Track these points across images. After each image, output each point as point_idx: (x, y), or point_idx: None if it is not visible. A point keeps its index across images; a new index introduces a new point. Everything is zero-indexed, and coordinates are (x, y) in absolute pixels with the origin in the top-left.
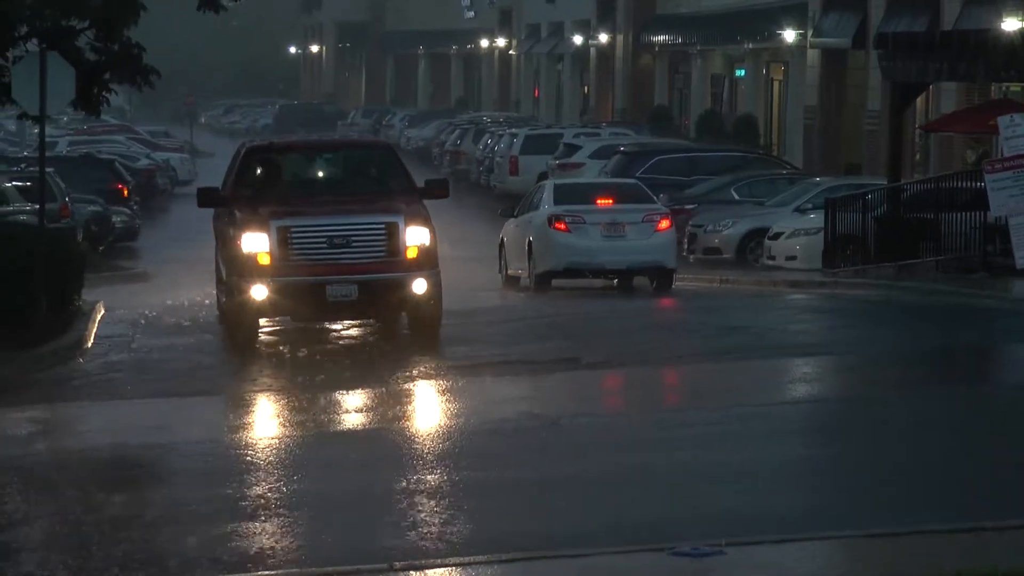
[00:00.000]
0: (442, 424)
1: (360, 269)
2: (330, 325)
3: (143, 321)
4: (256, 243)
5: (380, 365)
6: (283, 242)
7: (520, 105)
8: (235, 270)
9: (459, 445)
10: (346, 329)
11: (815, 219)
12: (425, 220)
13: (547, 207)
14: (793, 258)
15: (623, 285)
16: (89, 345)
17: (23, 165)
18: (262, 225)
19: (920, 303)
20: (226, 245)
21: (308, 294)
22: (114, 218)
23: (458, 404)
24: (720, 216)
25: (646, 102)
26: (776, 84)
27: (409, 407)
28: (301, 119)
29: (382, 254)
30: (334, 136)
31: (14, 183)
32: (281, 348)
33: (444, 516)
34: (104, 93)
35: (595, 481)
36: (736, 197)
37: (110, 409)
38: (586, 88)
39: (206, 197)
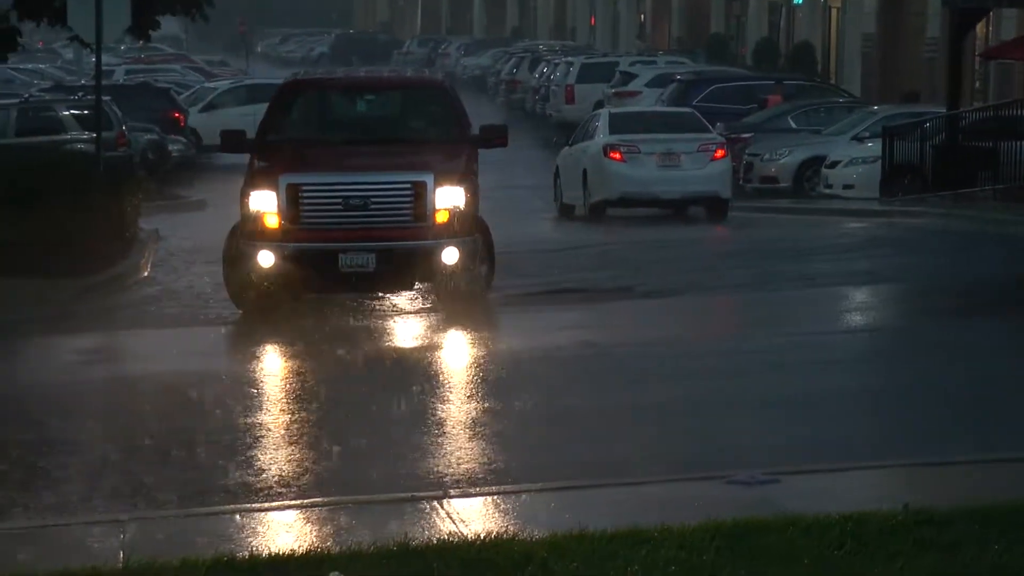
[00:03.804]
0: (494, 352)
1: (379, 235)
2: None
3: (199, 249)
4: (263, 202)
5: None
6: (293, 202)
7: (576, 33)
8: (242, 231)
9: (511, 373)
10: None
11: (873, 148)
12: (462, 178)
13: (602, 136)
14: (850, 187)
15: (678, 215)
16: (145, 274)
17: (80, 93)
18: (271, 182)
19: (978, 232)
20: (240, 201)
21: (319, 263)
22: (171, 146)
23: (511, 332)
24: (777, 145)
25: (702, 30)
26: (834, 12)
27: (462, 335)
28: (357, 49)
29: (406, 218)
30: (385, 71)
31: (71, 111)
32: None
33: (497, 444)
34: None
35: (649, 410)
36: (793, 126)
37: (165, 336)
38: (642, 16)
39: (230, 141)
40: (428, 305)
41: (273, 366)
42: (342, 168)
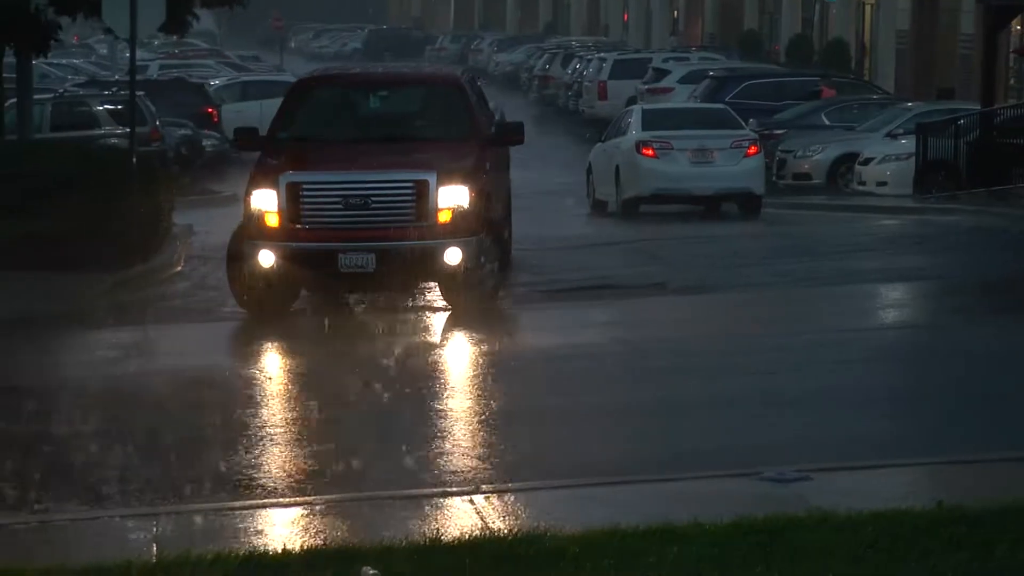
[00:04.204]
0: (526, 348)
1: (379, 235)
2: None
3: None
4: (264, 201)
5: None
6: (293, 200)
7: (609, 29)
8: (245, 231)
9: (543, 370)
10: None
11: (906, 144)
12: (468, 177)
13: (635, 132)
14: (884, 184)
15: (711, 211)
16: (179, 268)
17: (114, 88)
18: (271, 180)
19: (1012, 229)
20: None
21: (319, 263)
22: (204, 142)
23: (542, 328)
24: (810, 141)
25: (736, 27)
26: (868, 8)
27: (493, 330)
28: (390, 44)
29: (407, 218)
30: (402, 67)
31: (105, 106)
32: None
33: (529, 441)
34: (189, 16)
35: (680, 406)
36: (826, 122)
37: (198, 331)
38: (675, 12)
39: (244, 139)
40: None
41: (304, 363)
42: (343, 166)
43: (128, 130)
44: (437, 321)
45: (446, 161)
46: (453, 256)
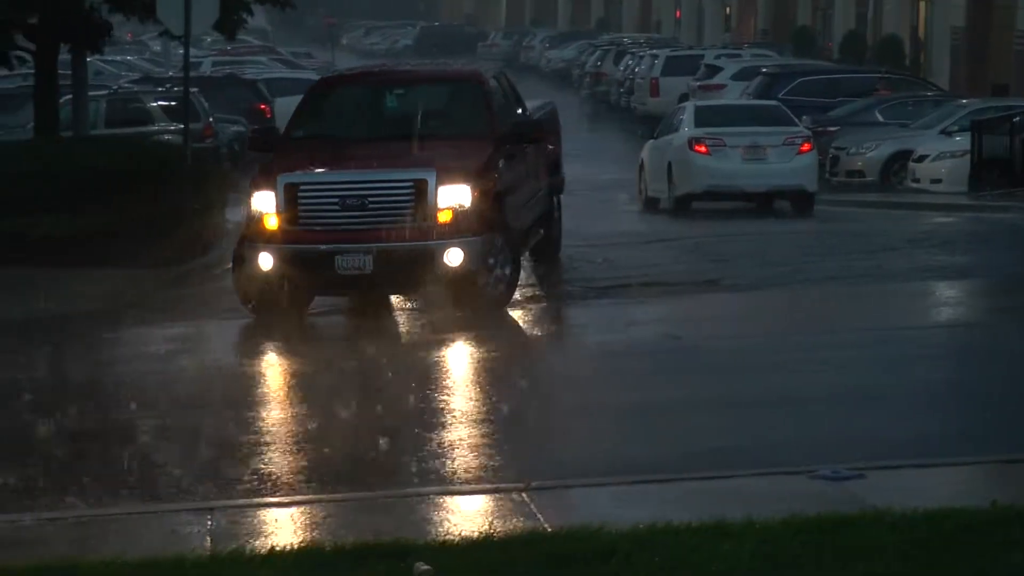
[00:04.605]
0: (578, 345)
1: (376, 236)
2: None
3: None
4: (263, 202)
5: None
6: (291, 202)
7: (661, 26)
8: (246, 232)
9: (595, 366)
10: None
11: (961, 141)
12: (472, 175)
13: (687, 129)
14: (938, 181)
15: (763, 208)
16: (230, 264)
17: (168, 85)
18: (270, 181)
19: None
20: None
21: (317, 265)
22: None
23: (594, 325)
24: (863, 138)
25: (788, 23)
26: (922, 4)
27: (546, 328)
28: (441, 41)
29: (406, 218)
30: (423, 65)
31: (159, 103)
32: None
33: (580, 437)
34: (243, 13)
35: (732, 404)
36: (880, 119)
37: (251, 326)
38: (728, 9)
39: (256, 140)
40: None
41: (352, 358)
42: (342, 166)
43: (182, 126)
44: (485, 318)
45: (450, 159)
46: (454, 257)
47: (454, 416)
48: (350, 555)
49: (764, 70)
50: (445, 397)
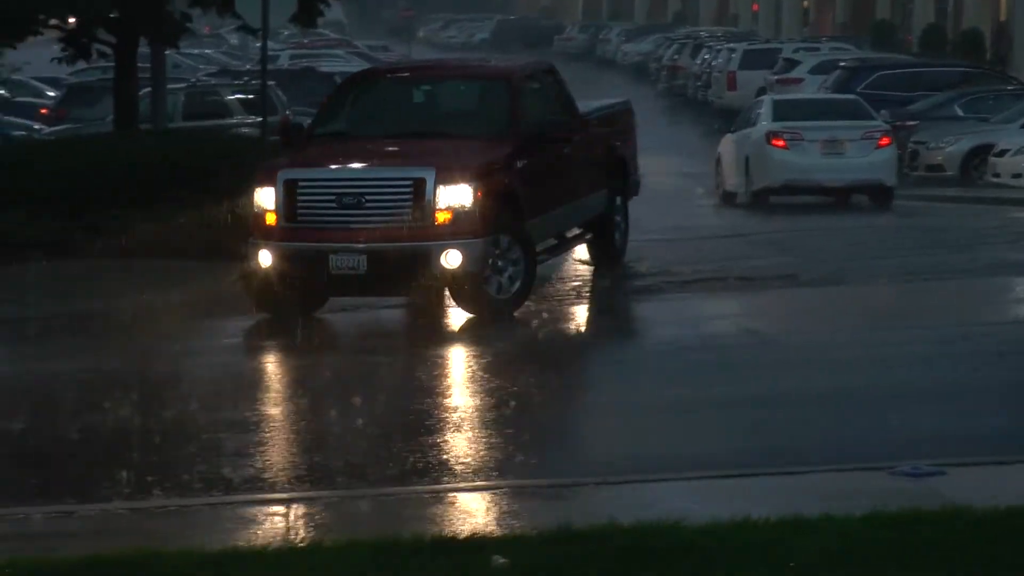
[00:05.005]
0: (654, 339)
1: (371, 236)
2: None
3: None
4: (264, 198)
5: (596, 280)
6: (290, 198)
7: (738, 19)
8: (251, 228)
9: (671, 361)
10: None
11: None
12: (476, 175)
13: (765, 123)
14: (1019, 176)
15: (841, 202)
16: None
17: (245, 78)
18: (271, 177)
19: None
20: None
21: (312, 264)
22: None
23: (672, 319)
24: (943, 132)
25: (867, 16)
26: None
27: (622, 322)
28: (518, 35)
29: (403, 217)
30: (457, 62)
31: (237, 96)
32: None
33: (658, 432)
34: (320, 5)
35: (809, 399)
36: (960, 113)
37: (329, 320)
38: (806, 2)
39: (285, 134)
40: (572, 293)
41: (437, 353)
42: (343, 163)
43: (259, 120)
44: (564, 311)
45: (453, 158)
46: (452, 259)
47: (529, 411)
48: (428, 547)
49: (843, 64)
50: (518, 389)
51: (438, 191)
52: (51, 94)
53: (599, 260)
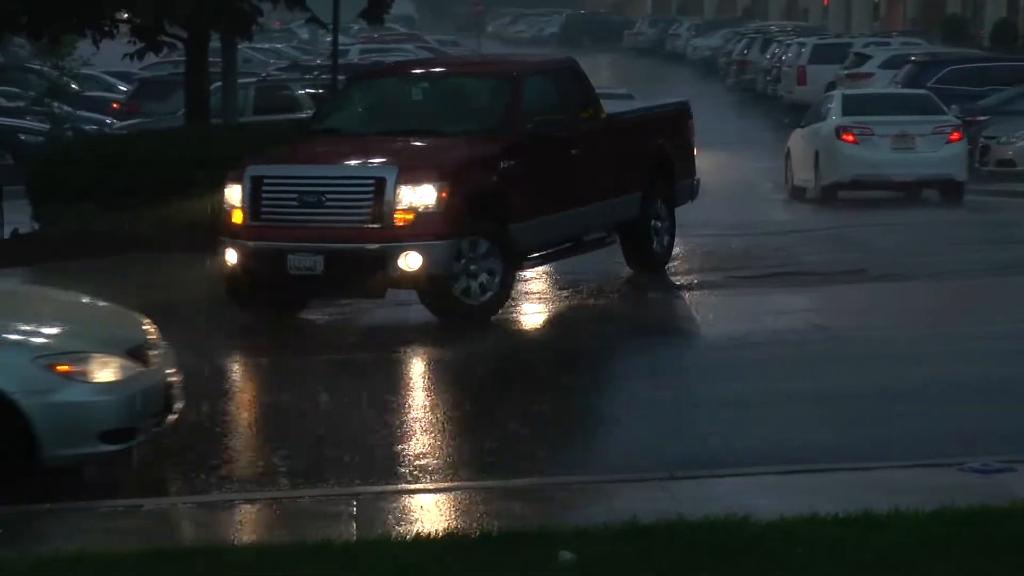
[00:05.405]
0: (722, 334)
1: (329, 236)
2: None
3: None
4: (232, 195)
5: (666, 276)
6: (255, 196)
7: (808, 14)
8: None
9: (740, 355)
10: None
11: None
12: (443, 175)
13: (835, 118)
14: None
15: (912, 198)
16: None
17: (315, 73)
18: (240, 174)
19: None
20: None
21: (271, 263)
22: None
23: (739, 314)
24: (1014, 127)
25: (938, 11)
26: None
27: (691, 317)
28: (587, 29)
29: (362, 217)
30: (461, 59)
31: (307, 90)
32: None
33: (725, 427)
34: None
35: (880, 394)
36: None
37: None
38: None
39: (292, 129)
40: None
41: (493, 349)
42: (310, 161)
43: None
44: (629, 305)
45: (422, 158)
46: (411, 261)
47: (592, 406)
48: (497, 541)
49: (913, 58)
50: (580, 387)
51: (399, 191)
52: (123, 88)
53: (636, 265)
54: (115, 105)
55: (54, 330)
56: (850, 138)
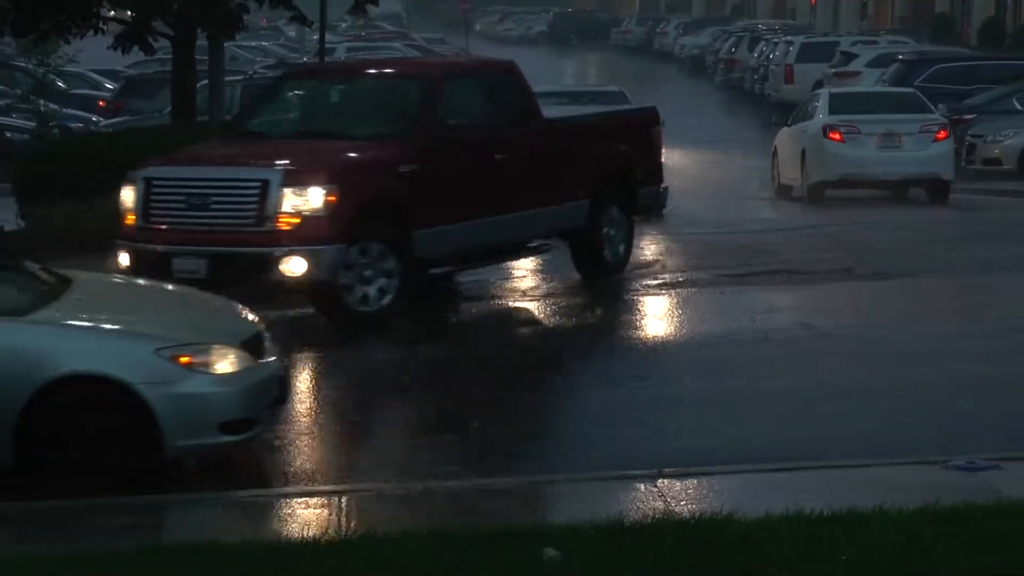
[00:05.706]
0: (711, 333)
1: (213, 239)
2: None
3: None
4: (127, 196)
5: (651, 274)
6: (146, 197)
7: (796, 12)
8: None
9: (727, 354)
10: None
11: None
12: (330, 178)
13: (822, 116)
14: None
15: (898, 196)
16: None
17: None
18: (135, 175)
19: None
20: None
21: (158, 266)
22: None
23: (726, 312)
24: (1001, 126)
25: (926, 10)
26: None
27: (678, 316)
28: (575, 27)
29: (247, 221)
30: (385, 60)
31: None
32: None
33: (711, 424)
34: None
35: (865, 392)
36: (1018, 107)
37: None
38: None
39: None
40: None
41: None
42: (200, 163)
43: None
44: (620, 305)
45: (310, 161)
46: (296, 265)
47: (580, 404)
48: (482, 539)
49: (900, 57)
50: (574, 381)
51: (283, 194)
52: (109, 86)
53: (585, 272)
54: (101, 103)
55: (174, 323)
56: (837, 137)
